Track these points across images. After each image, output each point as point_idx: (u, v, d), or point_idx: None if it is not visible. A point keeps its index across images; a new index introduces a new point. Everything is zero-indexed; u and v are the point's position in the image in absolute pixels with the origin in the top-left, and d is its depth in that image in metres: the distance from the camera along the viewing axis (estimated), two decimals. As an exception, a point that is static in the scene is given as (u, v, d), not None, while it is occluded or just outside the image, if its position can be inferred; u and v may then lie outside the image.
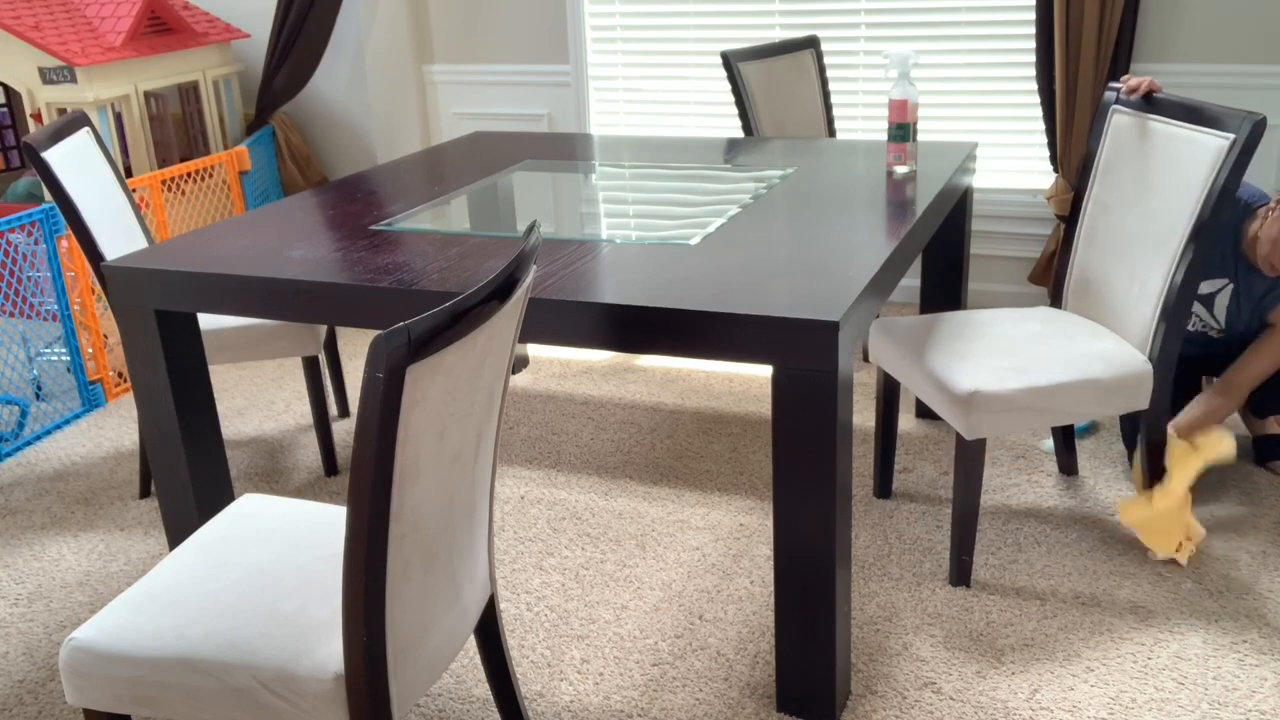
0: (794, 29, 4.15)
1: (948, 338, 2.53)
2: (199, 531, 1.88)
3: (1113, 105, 2.62)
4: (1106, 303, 2.61)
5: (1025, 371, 2.35)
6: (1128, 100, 2.57)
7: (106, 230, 2.76)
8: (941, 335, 2.55)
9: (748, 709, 2.11)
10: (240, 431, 3.42)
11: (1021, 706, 2.08)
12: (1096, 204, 2.66)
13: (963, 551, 2.43)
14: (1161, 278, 2.43)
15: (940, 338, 2.54)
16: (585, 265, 2.18)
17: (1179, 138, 2.42)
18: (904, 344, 2.56)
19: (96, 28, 4.08)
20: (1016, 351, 2.43)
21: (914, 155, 2.74)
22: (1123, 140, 2.60)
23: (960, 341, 2.50)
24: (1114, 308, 2.58)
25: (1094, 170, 2.68)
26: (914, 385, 2.52)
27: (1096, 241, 2.66)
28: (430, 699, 2.19)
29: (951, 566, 2.45)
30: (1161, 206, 2.45)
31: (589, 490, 2.95)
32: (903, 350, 2.55)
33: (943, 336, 2.54)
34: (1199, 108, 2.39)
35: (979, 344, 2.48)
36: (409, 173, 3.08)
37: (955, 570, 2.44)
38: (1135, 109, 2.55)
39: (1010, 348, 2.46)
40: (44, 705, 2.22)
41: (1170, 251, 2.41)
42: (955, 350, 2.46)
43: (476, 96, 4.69)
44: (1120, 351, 2.45)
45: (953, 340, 2.51)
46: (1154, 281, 2.45)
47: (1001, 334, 2.54)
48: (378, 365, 1.34)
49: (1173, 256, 2.40)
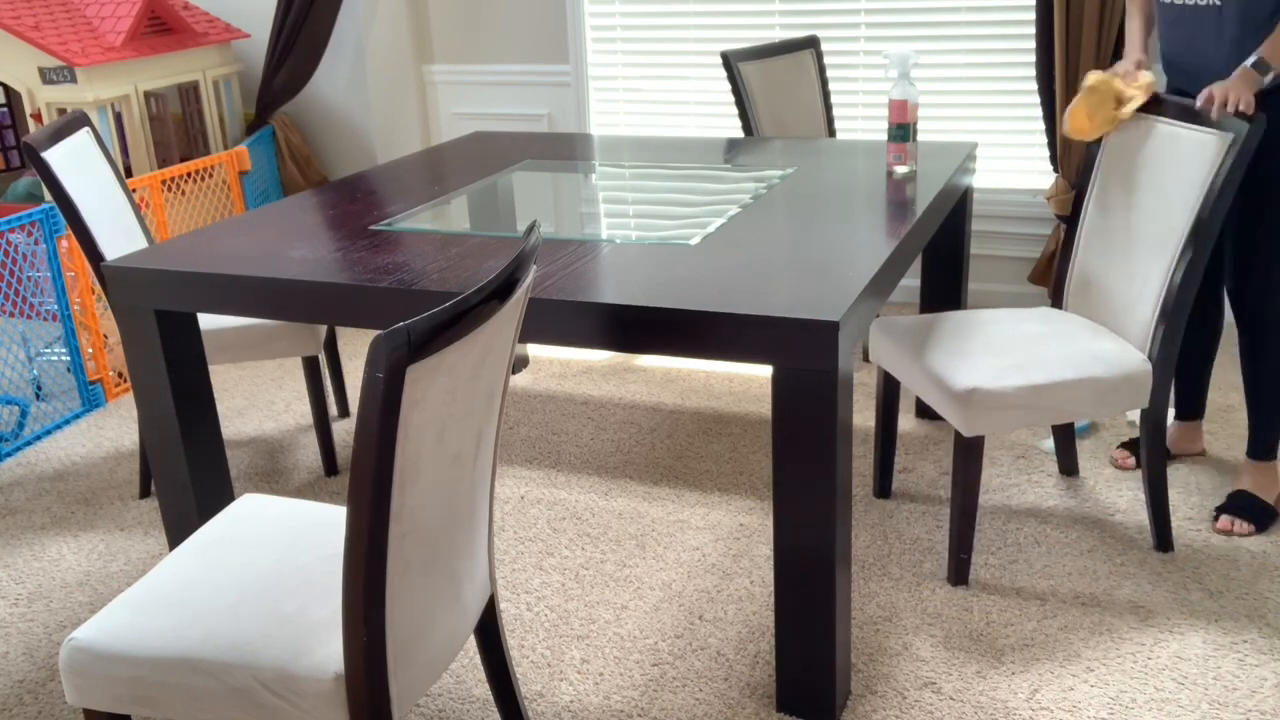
0: (794, 29, 4.15)
1: (947, 336, 2.54)
2: (199, 531, 1.88)
3: None
4: (1107, 303, 2.61)
5: (1024, 369, 2.36)
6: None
7: (106, 230, 2.76)
8: (941, 334, 2.55)
9: (748, 709, 2.11)
10: (240, 431, 3.42)
11: (1021, 706, 2.08)
12: (1097, 204, 2.67)
13: (961, 550, 2.42)
14: (1161, 277, 2.43)
15: (940, 336, 2.54)
16: (585, 265, 2.18)
17: (1180, 137, 2.42)
18: (904, 343, 2.57)
19: (96, 28, 4.08)
20: (1016, 350, 2.44)
21: (914, 155, 2.74)
22: (1123, 140, 2.60)
23: (960, 340, 2.50)
24: (1114, 308, 2.58)
25: (1095, 170, 2.68)
26: (914, 384, 2.52)
27: (1097, 242, 2.66)
28: (430, 699, 2.19)
29: (950, 565, 2.45)
30: (1161, 206, 2.45)
31: (589, 490, 2.95)
32: (903, 349, 2.56)
33: (943, 335, 2.55)
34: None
35: (978, 342, 2.49)
36: (409, 173, 3.08)
37: (954, 569, 2.44)
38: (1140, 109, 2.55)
39: (1010, 346, 2.46)
40: (44, 705, 2.22)
41: (1170, 251, 2.41)
42: (955, 349, 2.46)
43: (476, 96, 4.69)
44: (1120, 351, 2.45)
45: (952, 339, 2.52)
46: (1154, 281, 2.45)
47: (1001, 333, 2.54)
48: (378, 365, 1.34)
49: (1172, 256, 2.40)
